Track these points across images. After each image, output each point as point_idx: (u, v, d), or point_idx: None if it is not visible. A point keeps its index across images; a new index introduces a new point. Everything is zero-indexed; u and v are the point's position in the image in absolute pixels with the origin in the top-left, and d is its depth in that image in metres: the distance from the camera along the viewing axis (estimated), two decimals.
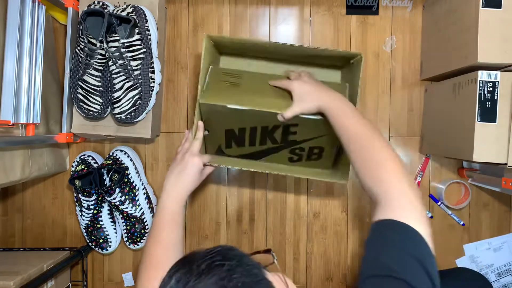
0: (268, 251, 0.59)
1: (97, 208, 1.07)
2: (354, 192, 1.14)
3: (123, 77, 0.93)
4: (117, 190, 1.02)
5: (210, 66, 0.93)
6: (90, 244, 1.12)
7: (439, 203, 1.13)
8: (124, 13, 0.93)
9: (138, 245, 1.10)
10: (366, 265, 0.54)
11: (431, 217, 1.13)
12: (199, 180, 0.86)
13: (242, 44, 0.94)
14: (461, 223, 1.13)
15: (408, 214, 0.57)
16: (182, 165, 0.84)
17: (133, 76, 0.94)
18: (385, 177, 0.62)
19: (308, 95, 0.80)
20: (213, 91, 0.88)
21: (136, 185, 1.07)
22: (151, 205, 1.10)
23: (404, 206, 0.58)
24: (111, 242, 1.11)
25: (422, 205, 0.60)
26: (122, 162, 1.07)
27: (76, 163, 1.09)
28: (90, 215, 1.08)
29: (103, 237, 1.10)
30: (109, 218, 1.09)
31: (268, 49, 0.95)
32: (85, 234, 1.11)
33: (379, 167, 0.64)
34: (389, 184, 0.61)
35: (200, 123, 0.90)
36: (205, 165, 0.87)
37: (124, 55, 0.91)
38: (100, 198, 1.06)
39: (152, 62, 0.98)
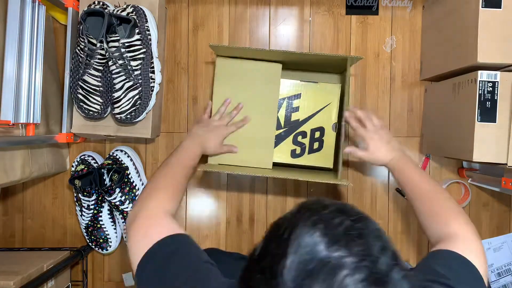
0: None
1: (97, 208, 1.07)
2: (354, 192, 1.14)
3: (123, 77, 0.93)
4: (117, 190, 1.02)
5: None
6: (90, 244, 1.12)
7: None
8: (124, 13, 0.93)
9: None
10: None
11: None
12: (219, 149, 0.94)
13: (245, 52, 0.95)
14: None
15: (468, 252, 0.62)
16: (210, 126, 0.94)
17: (133, 76, 0.94)
18: (453, 223, 0.70)
19: (383, 151, 0.90)
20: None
21: (136, 185, 1.07)
22: None
23: (466, 244, 0.65)
24: (111, 242, 1.11)
25: (482, 246, 0.66)
26: (122, 162, 1.07)
27: (76, 163, 1.09)
28: (90, 215, 1.08)
29: (103, 237, 1.10)
30: (109, 218, 1.09)
31: (269, 54, 0.96)
32: (85, 234, 1.12)
33: (448, 215, 0.72)
34: (456, 228, 0.69)
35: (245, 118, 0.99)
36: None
37: (124, 55, 0.91)
38: (100, 198, 1.06)
39: (152, 62, 0.98)
